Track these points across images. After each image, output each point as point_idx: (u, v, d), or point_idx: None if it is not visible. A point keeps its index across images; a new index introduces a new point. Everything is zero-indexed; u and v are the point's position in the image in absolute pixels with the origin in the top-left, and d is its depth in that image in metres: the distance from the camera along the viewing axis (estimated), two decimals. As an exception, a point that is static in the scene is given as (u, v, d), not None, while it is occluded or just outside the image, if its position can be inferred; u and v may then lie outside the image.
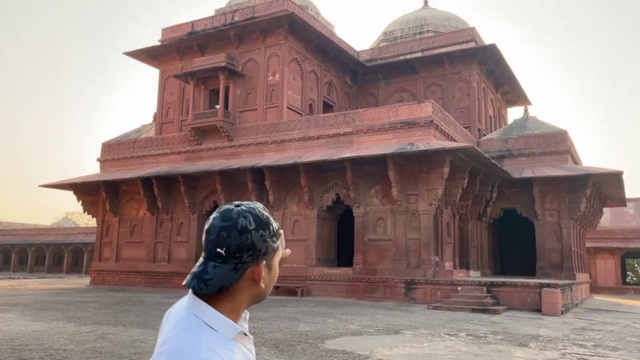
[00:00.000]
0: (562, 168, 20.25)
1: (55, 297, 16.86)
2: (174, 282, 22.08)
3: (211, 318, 1.05)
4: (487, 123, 26.81)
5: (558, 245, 20.65)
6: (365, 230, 18.80)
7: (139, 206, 23.90)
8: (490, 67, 26.20)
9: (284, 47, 22.13)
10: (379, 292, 17.88)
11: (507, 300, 15.62)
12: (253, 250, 1.08)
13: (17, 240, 49.82)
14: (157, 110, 25.88)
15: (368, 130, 19.00)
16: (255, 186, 20.28)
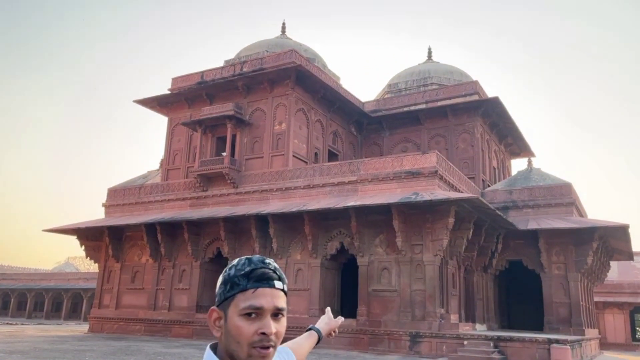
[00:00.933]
0: (568, 220, 20.17)
1: (52, 345, 16.52)
2: (174, 330, 21.66)
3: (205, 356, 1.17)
4: (491, 174, 26.95)
5: (566, 299, 20.26)
6: (369, 280, 18.57)
7: (142, 252, 23.78)
8: (494, 119, 26.60)
9: (290, 98, 22.63)
10: (383, 345, 17.45)
11: (514, 356, 15.21)
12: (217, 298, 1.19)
13: (17, 285, 49.33)
14: (163, 157, 26.20)
15: (372, 180, 19.11)
16: (259, 234, 20.23)
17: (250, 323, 1.12)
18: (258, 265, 1.16)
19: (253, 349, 1.11)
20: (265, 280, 1.15)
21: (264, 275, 1.15)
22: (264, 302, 1.13)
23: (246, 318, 1.12)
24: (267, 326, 1.12)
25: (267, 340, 1.12)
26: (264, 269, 1.16)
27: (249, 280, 1.14)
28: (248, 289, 1.13)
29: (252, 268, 1.15)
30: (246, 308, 1.12)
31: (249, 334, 1.11)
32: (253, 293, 1.13)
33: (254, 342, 1.11)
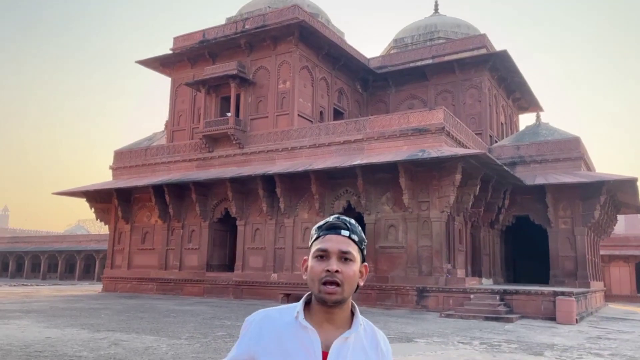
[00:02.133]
0: (575, 175, 20.06)
1: (68, 304, 16.97)
2: (185, 289, 22.12)
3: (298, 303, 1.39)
4: (499, 130, 26.67)
5: (572, 253, 20.41)
6: (376, 237, 18.73)
7: (151, 213, 24.03)
8: (502, 74, 26.11)
9: (294, 55, 22.23)
10: (390, 300, 17.78)
11: (520, 309, 15.45)
12: None
13: (31, 247, 50.29)
14: (168, 118, 26.09)
15: (379, 137, 18.98)
16: (266, 194, 20.32)
17: (320, 263, 1.34)
18: (332, 220, 1.41)
19: (322, 285, 1.32)
20: (333, 229, 1.38)
21: (333, 225, 1.39)
22: (329, 246, 1.35)
23: (317, 260, 1.35)
24: (331, 264, 1.33)
25: (331, 277, 1.32)
26: (335, 222, 1.40)
27: (322, 230, 1.39)
28: (319, 236, 1.38)
29: (325, 221, 1.41)
30: (316, 251, 1.36)
31: (317, 272, 1.33)
32: (322, 239, 1.37)
33: (322, 278, 1.32)
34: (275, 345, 1.32)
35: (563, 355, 8.62)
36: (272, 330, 1.34)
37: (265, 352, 1.32)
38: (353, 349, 1.33)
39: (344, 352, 1.31)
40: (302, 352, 1.30)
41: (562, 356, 8.56)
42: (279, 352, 1.31)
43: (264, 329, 1.35)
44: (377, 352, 1.38)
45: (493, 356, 8.30)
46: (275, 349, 1.31)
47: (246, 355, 1.35)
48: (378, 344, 1.40)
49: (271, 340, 1.33)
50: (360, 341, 1.35)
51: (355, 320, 1.37)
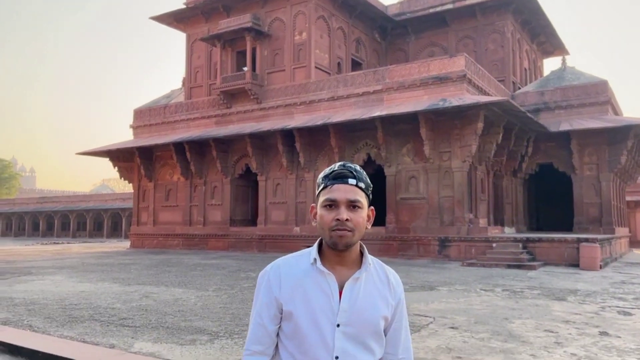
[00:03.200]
0: (602, 120, 19.52)
1: (99, 260, 17.56)
2: (210, 244, 22.64)
3: (312, 249, 1.45)
4: (522, 76, 25.90)
5: (597, 199, 20.14)
6: (397, 189, 18.72)
7: (173, 171, 24.35)
8: (526, 17, 25.09)
9: (310, 5, 21.65)
10: (412, 250, 17.94)
11: (543, 256, 15.44)
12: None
13: (60, 207, 51.77)
14: (185, 75, 25.96)
15: (398, 88, 18.63)
16: (285, 148, 20.33)
17: (329, 212, 1.40)
18: (338, 168, 1.44)
19: (332, 232, 1.38)
20: (340, 178, 1.41)
21: (339, 174, 1.42)
22: (337, 195, 1.39)
23: (327, 209, 1.40)
24: (340, 213, 1.38)
25: (342, 225, 1.38)
26: (342, 170, 1.43)
27: (329, 179, 1.43)
28: (327, 185, 1.42)
29: (332, 170, 1.44)
30: (325, 201, 1.41)
31: (328, 221, 1.39)
32: (330, 189, 1.41)
33: (332, 227, 1.38)
34: (297, 290, 1.40)
35: (586, 300, 8.65)
36: (291, 277, 1.42)
37: (289, 298, 1.40)
38: (365, 286, 1.42)
39: (356, 290, 1.40)
40: (322, 295, 1.39)
41: (585, 301, 8.59)
42: (300, 297, 1.39)
43: (283, 277, 1.42)
44: (388, 286, 1.46)
45: (515, 302, 8.37)
46: (297, 295, 1.39)
47: (273, 302, 1.42)
48: (388, 279, 1.48)
49: (291, 286, 1.41)
50: (371, 278, 1.44)
51: (365, 260, 1.44)
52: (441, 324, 6.49)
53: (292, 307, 1.39)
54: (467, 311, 7.48)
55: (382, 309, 1.43)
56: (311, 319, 1.37)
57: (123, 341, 5.49)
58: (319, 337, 1.36)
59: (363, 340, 1.39)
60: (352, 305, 1.39)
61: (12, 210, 55.47)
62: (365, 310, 1.40)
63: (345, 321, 1.37)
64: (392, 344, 1.47)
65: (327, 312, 1.37)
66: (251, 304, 1.51)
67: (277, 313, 1.42)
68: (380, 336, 1.43)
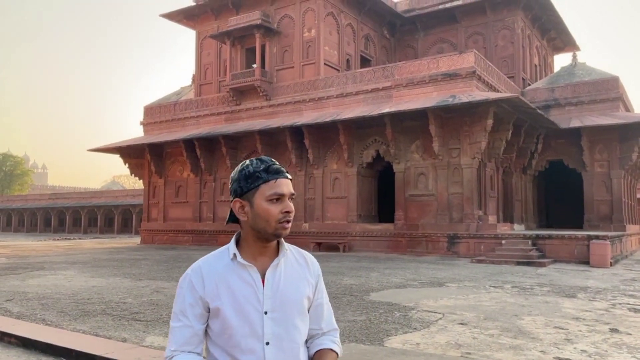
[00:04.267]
0: (614, 116, 19.35)
1: (110, 256, 17.74)
2: (220, 240, 22.77)
3: (229, 245, 1.50)
4: (532, 72, 25.72)
5: (607, 196, 19.99)
6: (406, 186, 18.70)
7: (183, 167, 24.51)
8: (536, 12, 24.90)
9: (319, 1, 21.64)
10: (421, 247, 17.92)
11: (553, 253, 15.37)
12: (232, 192, 1.50)
13: (71, 203, 52.23)
14: (195, 72, 26.09)
15: (407, 84, 18.59)
16: (294, 145, 20.37)
17: (276, 205, 1.43)
18: (270, 162, 1.47)
19: (280, 224, 1.43)
20: (281, 172, 1.46)
21: (279, 169, 1.47)
22: (285, 189, 1.45)
23: (272, 202, 1.43)
24: (289, 206, 1.45)
25: (289, 217, 1.45)
26: (275, 165, 1.47)
27: (269, 174, 1.45)
28: (269, 180, 1.44)
29: (267, 165, 1.46)
30: (272, 195, 1.43)
31: (275, 213, 1.43)
32: (275, 183, 1.44)
33: (279, 219, 1.43)
34: (221, 286, 1.43)
35: (597, 297, 8.62)
36: (213, 275, 1.44)
37: (214, 295, 1.42)
38: (285, 270, 1.48)
39: (277, 276, 1.46)
40: (245, 287, 1.43)
41: (595, 298, 8.55)
42: (225, 292, 1.42)
43: (205, 276, 1.44)
44: (307, 267, 1.54)
45: (525, 299, 8.36)
46: (222, 290, 1.42)
47: (199, 302, 1.44)
48: (305, 260, 1.56)
49: (215, 283, 1.43)
50: (289, 262, 1.51)
51: (282, 247, 1.50)
52: (450, 320, 6.51)
53: (219, 303, 1.41)
54: (477, 307, 7.49)
55: (304, 289, 1.50)
56: (239, 311, 1.41)
57: (135, 335, 5.57)
58: (248, 327, 1.40)
59: (291, 321, 1.45)
60: (275, 291, 1.44)
61: (24, 207, 56.05)
62: (289, 294, 1.46)
63: (271, 307, 1.43)
64: (316, 320, 1.54)
65: (253, 302, 1.42)
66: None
67: (203, 312, 1.44)
68: (305, 315, 1.50)
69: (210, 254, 1.51)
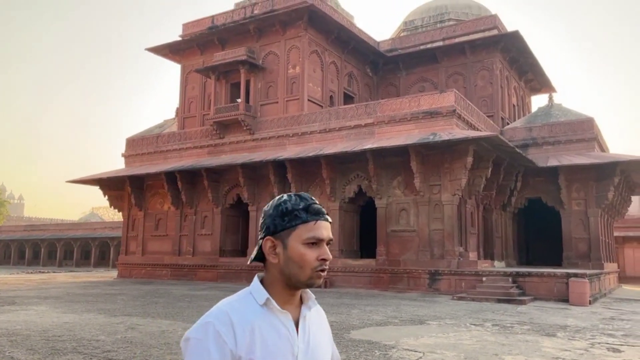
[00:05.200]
0: (589, 156, 19.84)
1: (84, 290, 17.27)
2: (199, 274, 22.39)
3: (253, 287, 1.32)
4: (511, 112, 26.40)
5: (585, 234, 20.29)
6: (387, 221, 18.75)
7: (164, 200, 24.26)
8: (513, 55, 25.75)
9: (304, 40, 22.11)
10: (402, 283, 17.84)
11: (533, 291, 15.43)
12: (264, 228, 1.33)
13: (47, 235, 51.08)
14: (179, 105, 26.18)
15: (389, 121, 18.89)
16: (277, 179, 20.39)
17: (313, 250, 1.29)
18: (310, 201, 1.34)
19: (316, 272, 1.29)
20: (322, 214, 1.33)
21: (320, 210, 1.33)
22: (324, 233, 1.31)
23: (309, 246, 1.29)
24: (327, 253, 1.31)
25: (326, 265, 1.30)
26: (317, 205, 1.34)
27: (309, 214, 1.31)
28: (309, 221, 1.30)
29: (307, 203, 1.33)
30: (310, 238, 1.29)
31: (312, 260, 1.28)
32: (314, 225, 1.30)
33: (315, 267, 1.29)
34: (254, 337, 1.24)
35: (576, 336, 8.63)
36: (245, 324, 1.25)
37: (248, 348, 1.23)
38: (311, 322, 1.37)
39: (307, 328, 1.34)
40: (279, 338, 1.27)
41: (575, 337, 8.56)
42: (259, 343, 1.24)
43: (236, 325, 1.24)
44: (323, 316, 1.46)
45: (505, 337, 8.33)
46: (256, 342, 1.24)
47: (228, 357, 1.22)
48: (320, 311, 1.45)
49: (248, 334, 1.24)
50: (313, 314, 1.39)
51: (309, 296, 1.37)
52: (431, 359, 6.44)
53: (253, 357, 1.22)
54: (457, 346, 7.43)
55: (328, 343, 1.43)
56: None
57: (107, 374, 5.39)
58: None
59: None
60: (307, 345, 1.32)
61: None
62: (319, 347, 1.36)
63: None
64: None
65: (287, 355, 1.27)
66: None
67: None
68: None
69: (232, 299, 1.31)
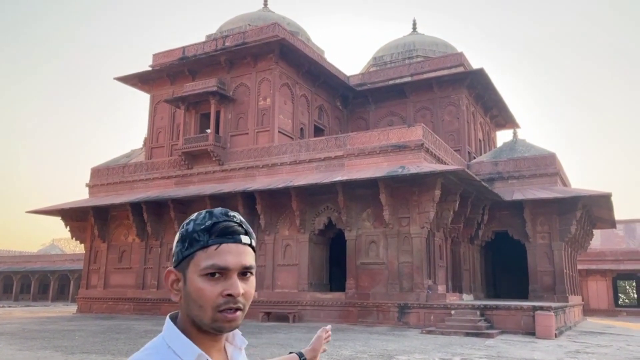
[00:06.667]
0: (552, 190, 20.40)
1: (41, 326, 16.46)
2: (163, 309, 21.66)
3: (170, 336, 1.00)
4: (477, 146, 27.06)
5: (550, 267, 20.65)
6: (357, 254, 18.69)
7: (128, 232, 23.61)
8: (479, 91, 26.58)
9: (275, 72, 22.31)
10: (372, 317, 17.67)
11: (500, 324, 15.50)
12: (174, 258, 1.03)
13: (2, 267, 48.86)
14: (147, 135, 25.83)
15: (359, 154, 19.06)
16: (246, 210, 20.15)
17: (214, 284, 0.97)
18: (220, 218, 1.00)
19: (219, 313, 0.96)
20: (230, 234, 0.99)
21: (227, 228, 0.99)
22: (230, 261, 0.97)
23: (209, 278, 0.97)
24: (234, 287, 0.97)
25: (235, 302, 0.97)
26: (228, 222, 1.00)
27: (211, 236, 0.98)
28: (210, 245, 0.97)
29: (214, 222, 0.99)
30: (208, 267, 0.96)
31: (212, 297, 0.96)
32: (216, 250, 0.97)
33: (219, 305, 0.96)
34: None
35: (544, 370, 8.63)
36: None
37: None
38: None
39: None
40: None
41: (543, 371, 8.57)
42: None
43: None
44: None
45: (475, 372, 8.27)
46: None
47: None
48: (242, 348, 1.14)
49: None
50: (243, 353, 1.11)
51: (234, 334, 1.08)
52: (400, 396, 6.30)
53: None
54: (427, 382, 7.32)
55: None
56: None
57: (60, 417, 5.06)
58: None
59: None
60: None
61: (-50, 271, 51.92)
62: None
63: None
64: None
65: None
66: None
67: None
68: None
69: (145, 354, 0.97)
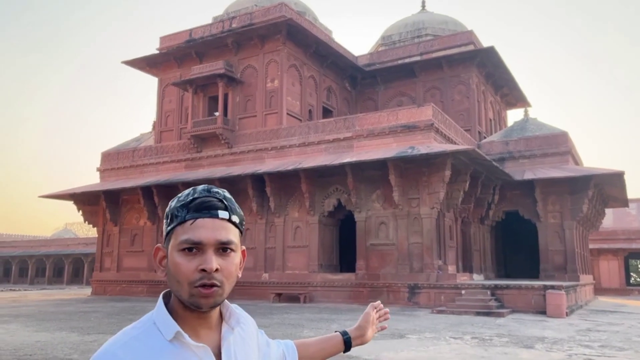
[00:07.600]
0: (564, 169, 20.21)
1: (57, 308, 16.77)
2: (176, 290, 21.95)
3: (157, 314, 1.00)
4: (488, 125, 26.80)
5: (561, 247, 20.56)
6: (367, 235, 18.73)
7: (140, 215, 23.83)
8: (489, 70, 26.23)
9: (282, 53, 22.15)
10: (382, 297, 17.76)
11: (511, 303, 15.53)
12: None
13: (18, 252, 49.67)
14: (156, 119, 25.88)
15: (368, 135, 18.97)
16: (256, 193, 20.23)
17: (190, 259, 0.97)
18: (202, 194, 1.02)
19: (194, 288, 0.96)
20: (206, 209, 1.00)
21: (203, 203, 1.00)
22: (203, 235, 0.97)
23: (186, 253, 0.98)
24: (207, 261, 0.97)
25: (209, 278, 0.97)
26: (207, 197, 1.01)
27: (189, 211, 1.00)
28: (187, 220, 0.99)
29: (192, 197, 1.01)
30: (183, 242, 0.98)
31: (188, 272, 0.97)
32: (191, 225, 0.98)
33: (194, 280, 0.96)
34: None
35: (553, 348, 8.66)
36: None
37: None
38: (236, 348, 1.06)
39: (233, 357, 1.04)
40: None
41: (552, 348, 8.60)
42: None
43: None
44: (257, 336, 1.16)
45: (485, 350, 8.32)
46: None
47: None
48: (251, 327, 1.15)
49: None
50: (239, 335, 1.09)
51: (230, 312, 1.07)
52: (411, 374, 6.36)
53: None
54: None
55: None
56: None
57: (77, 395, 5.18)
58: None
59: None
60: None
61: (-34, 255, 52.89)
62: None
63: None
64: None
65: None
66: None
67: None
68: None
69: (129, 333, 0.97)
